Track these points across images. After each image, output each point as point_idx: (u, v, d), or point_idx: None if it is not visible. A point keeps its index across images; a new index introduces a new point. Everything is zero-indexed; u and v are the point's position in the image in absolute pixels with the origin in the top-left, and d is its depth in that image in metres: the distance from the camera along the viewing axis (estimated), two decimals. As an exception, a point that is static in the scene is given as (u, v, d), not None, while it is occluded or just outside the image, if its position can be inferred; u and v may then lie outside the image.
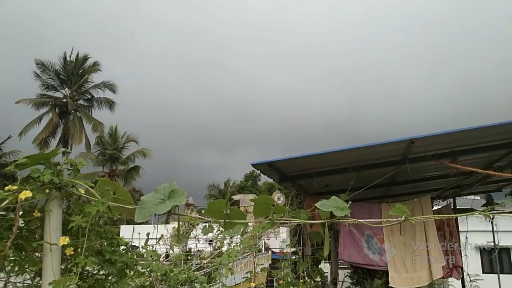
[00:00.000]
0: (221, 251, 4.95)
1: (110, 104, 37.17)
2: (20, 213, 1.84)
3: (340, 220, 2.35)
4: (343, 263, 14.45)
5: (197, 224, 4.18)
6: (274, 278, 5.70)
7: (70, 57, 35.49)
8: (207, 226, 3.72)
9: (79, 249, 1.83)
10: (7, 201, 1.68)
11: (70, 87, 35.96)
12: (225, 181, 56.37)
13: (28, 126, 34.39)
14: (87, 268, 2.07)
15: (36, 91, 35.11)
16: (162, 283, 2.66)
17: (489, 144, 4.95)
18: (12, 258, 1.98)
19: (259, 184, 56.99)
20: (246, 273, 6.11)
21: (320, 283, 7.68)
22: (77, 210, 1.94)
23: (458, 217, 9.73)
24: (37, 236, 1.93)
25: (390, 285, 5.54)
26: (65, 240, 1.71)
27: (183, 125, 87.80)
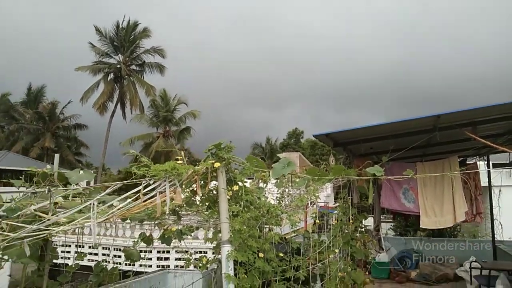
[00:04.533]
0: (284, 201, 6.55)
1: (161, 68, 39.21)
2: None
3: (381, 177, 3.81)
4: (386, 217, 16.03)
5: (269, 180, 5.74)
6: (325, 222, 7.37)
7: (122, 24, 37.52)
8: (279, 181, 5.34)
9: (238, 193, 3.45)
10: (204, 167, 3.30)
11: (123, 53, 38.18)
12: (266, 139, 57.97)
13: (87, 91, 37.28)
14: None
15: (92, 57, 37.73)
16: (267, 214, 4.29)
17: (503, 115, 6.14)
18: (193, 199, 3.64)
19: (302, 141, 58.48)
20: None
21: (364, 228, 9.25)
22: (232, 172, 3.54)
23: (492, 172, 10.87)
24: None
25: (420, 226, 7.03)
26: (236, 187, 3.32)
27: (232, 82, 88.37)
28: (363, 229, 7.87)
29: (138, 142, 39.60)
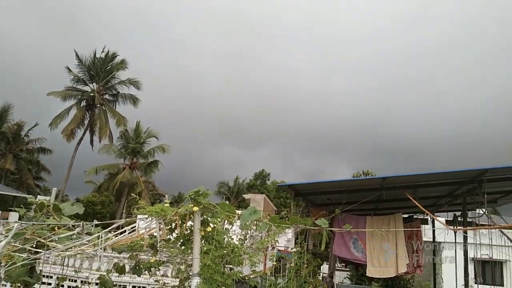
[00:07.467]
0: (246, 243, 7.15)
1: (134, 100, 39.62)
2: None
3: (333, 229, 4.59)
4: (342, 266, 16.76)
5: (235, 222, 6.37)
6: (281, 265, 8.03)
7: (100, 53, 38.10)
8: (243, 224, 5.99)
9: (210, 233, 4.12)
10: (185, 210, 3.96)
11: (98, 82, 38.49)
12: (234, 179, 58.63)
13: (57, 117, 36.99)
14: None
15: (65, 82, 37.76)
16: (231, 254, 4.94)
17: (443, 181, 7.18)
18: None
19: (268, 183, 59.30)
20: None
21: (319, 273, 9.92)
22: (207, 215, 4.22)
23: (436, 230, 11.92)
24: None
25: (367, 275, 7.82)
26: (210, 228, 3.99)
27: (207, 118, 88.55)
28: (318, 274, 8.55)
29: (103, 171, 39.23)
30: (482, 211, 7.35)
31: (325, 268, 15.24)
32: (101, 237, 2.99)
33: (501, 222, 8.71)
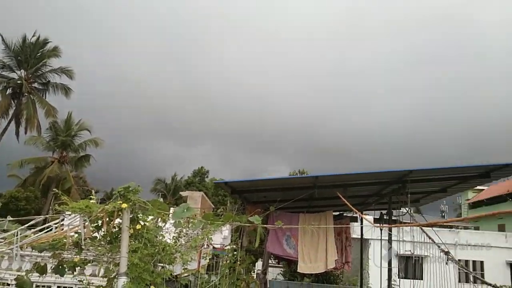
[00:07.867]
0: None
1: (66, 90, 37.41)
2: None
3: (266, 226, 4.64)
4: (275, 262, 17.14)
5: (168, 219, 6.26)
6: (215, 261, 8.02)
7: (30, 39, 35.49)
8: (177, 222, 5.90)
9: (139, 231, 4.00)
10: (113, 207, 3.81)
11: (27, 69, 35.86)
12: (172, 175, 57.58)
13: (-22, 105, 33.96)
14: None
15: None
16: (162, 252, 4.83)
17: (370, 181, 7.56)
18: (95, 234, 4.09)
19: (206, 181, 58.95)
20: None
21: (253, 270, 10.02)
22: (137, 212, 4.09)
23: (364, 227, 12.53)
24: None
25: (298, 271, 8.06)
26: (139, 225, 3.87)
27: (145, 114, 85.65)
28: (253, 271, 8.64)
29: (29, 165, 36.64)
30: (406, 210, 7.86)
31: (259, 265, 15.52)
32: (17, 235, 2.78)
33: (422, 221, 9.36)
